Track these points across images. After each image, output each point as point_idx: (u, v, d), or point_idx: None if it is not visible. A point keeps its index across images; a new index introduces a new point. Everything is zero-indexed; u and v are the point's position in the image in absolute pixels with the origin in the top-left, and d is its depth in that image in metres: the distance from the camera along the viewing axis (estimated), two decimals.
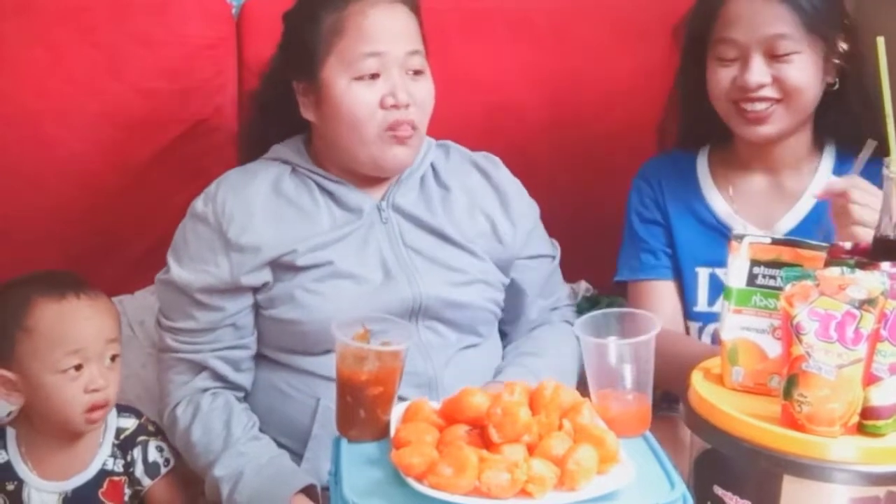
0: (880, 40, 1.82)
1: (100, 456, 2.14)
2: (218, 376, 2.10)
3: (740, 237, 1.71)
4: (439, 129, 2.20)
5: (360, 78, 2.04)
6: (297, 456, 2.06)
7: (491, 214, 2.21)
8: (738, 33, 2.15)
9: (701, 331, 2.28)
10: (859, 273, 1.54)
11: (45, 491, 2.11)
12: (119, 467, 2.15)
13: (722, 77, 2.19)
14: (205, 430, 2.05)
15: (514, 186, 2.27)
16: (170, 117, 2.61)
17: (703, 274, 2.28)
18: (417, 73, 2.08)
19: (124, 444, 2.16)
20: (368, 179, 2.14)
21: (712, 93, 2.22)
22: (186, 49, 2.61)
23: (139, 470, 2.16)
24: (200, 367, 2.10)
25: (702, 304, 2.28)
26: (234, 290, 2.06)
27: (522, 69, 2.78)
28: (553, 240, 2.35)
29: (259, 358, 2.14)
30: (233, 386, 2.12)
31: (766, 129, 2.19)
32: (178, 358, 2.11)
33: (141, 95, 2.58)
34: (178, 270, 2.08)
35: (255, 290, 2.07)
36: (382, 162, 2.08)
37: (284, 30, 2.17)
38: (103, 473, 2.14)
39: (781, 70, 2.14)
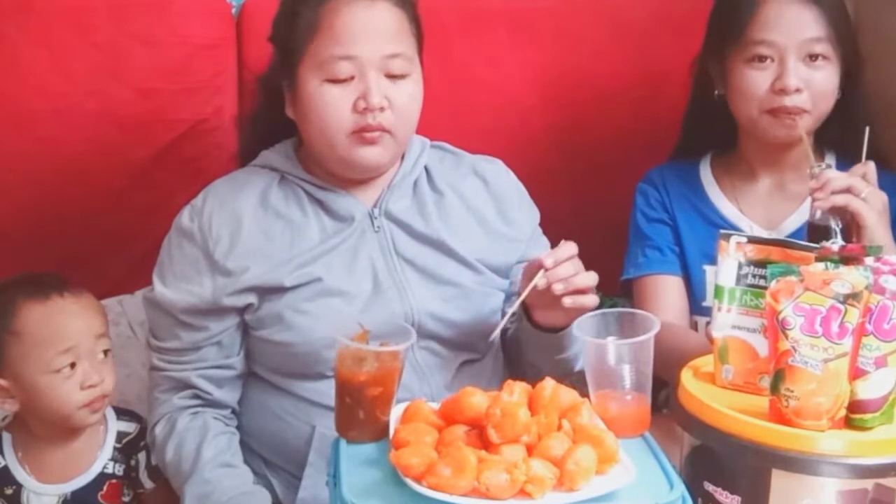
0: None
1: (100, 459, 2.14)
2: (200, 394, 2.05)
3: (728, 236, 1.72)
4: (440, 129, 2.20)
5: (332, 80, 1.96)
6: (294, 477, 2.02)
7: (487, 220, 2.14)
8: (776, 35, 2.16)
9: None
10: (843, 268, 1.56)
11: (44, 494, 2.10)
12: (119, 471, 2.14)
13: (755, 81, 2.19)
14: (176, 450, 2.01)
15: (513, 191, 2.21)
16: (170, 117, 2.60)
17: (710, 272, 2.29)
18: (398, 77, 1.98)
19: (127, 448, 2.16)
20: (355, 182, 2.07)
21: (742, 96, 2.22)
22: (186, 49, 2.60)
23: (143, 473, 2.16)
24: (183, 386, 2.05)
25: (710, 300, 2.28)
26: (217, 310, 2.01)
27: (523, 69, 2.77)
28: None
29: (252, 377, 2.10)
30: (216, 404, 2.07)
31: (794, 131, 2.20)
32: (162, 376, 2.07)
33: (141, 95, 2.58)
34: (161, 290, 2.03)
35: (241, 309, 2.02)
36: (352, 163, 2.01)
37: (271, 26, 2.10)
38: (103, 476, 2.13)
39: (811, 76, 2.17)
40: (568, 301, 1.85)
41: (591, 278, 1.88)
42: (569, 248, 1.88)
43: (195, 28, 2.62)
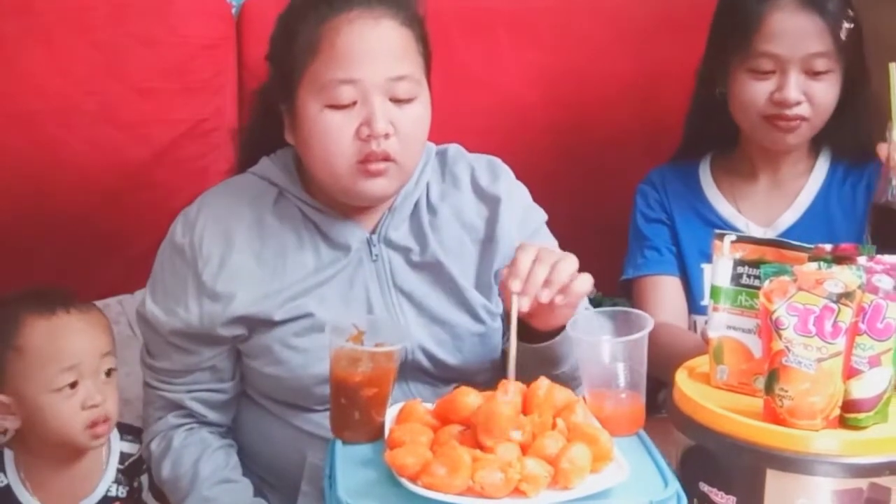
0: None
1: (104, 482, 2.10)
2: (194, 415, 2.00)
3: (721, 236, 1.72)
4: (439, 129, 2.20)
5: (333, 106, 1.84)
6: (288, 496, 1.96)
7: (480, 237, 2.02)
8: (779, 48, 2.16)
9: None
10: (836, 268, 1.55)
11: None
12: (123, 493, 2.11)
13: (756, 90, 2.19)
14: (173, 467, 1.96)
15: (511, 197, 2.06)
16: (170, 117, 2.61)
17: (708, 270, 2.27)
18: (404, 101, 1.86)
19: (130, 470, 2.13)
20: (355, 208, 1.96)
21: (741, 103, 2.23)
22: (186, 49, 2.61)
23: (147, 494, 2.12)
24: (177, 406, 1.99)
25: (708, 299, 2.29)
26: (206, 336, 1.93)
27: (523, 69, 2.78)
28: None
29: (246, 398, 2.04)
30: (210, 423, 2.02)
31: (792, 140, 2.22)
32: (156, 395, 2.01)
33: (141, 95, 2.59)
34: (151, 306, 1.95)
35: (232, 339, 1.94)
36: (355, 195, 1.90)
37: (268, 45, 1.98)
38: (107, 500, 2.10)
39: (813, 87, 2.17)
40: (560, 300, 1.74)
41: (570, 265, 1.76)
42: (526, 255, 1.75)
43: (195, 28, 2.63)
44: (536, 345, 1.85)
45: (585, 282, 1.77)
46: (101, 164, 2.58)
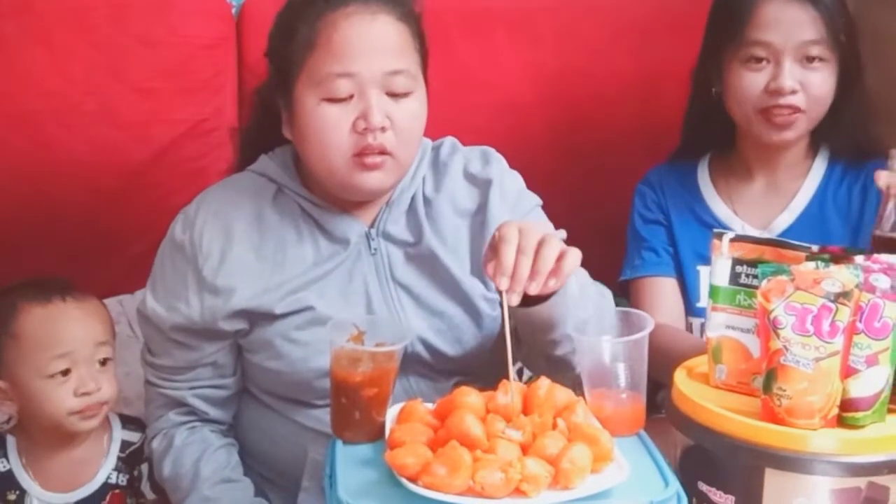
0: None
1: (104, 469, 2.12)
2: (196, 412, 2.01)
3: (720, 235, 1.72)
4: (440, 129, 2.20)
5: (330, 99, 1.85)
6: (289, 493, 1.96)
7: (475, 221, 2.02)
8: (772, 36, 2.16)
9: (703, 326, 2.29)
10: (833, 267, 1.55)
11: (48, 502, 2.09)
12: (123, 481, 2.13)
13: (751, 82, 2.19)
14: (174, 466, 1.97)
15: (503, 180, 2.06)
16: (170, 117, 2.62)
17: (704, 272, 2.29)
18: (400, 95, 1.87)
19: (130, 459, 2.14)
20: (354, 203, 1.97)
21: (737, 96, 2.22)
22: (186, 49, 2.61)
23: (145, 485, 2.14)
24: (179, 403, 2.01)
25: (704, 301, 2.28)
26: (208, 332, 1.94)
27: (523, 69, 2.78)
28: None
29: (247, 394, 2.05)
30: (212, 420, 2.03)
31: (789, 134, 2.22)
32: (157, 393, 2.02)
33: (141, 95, 2.59)
34: (152, 303, 1.96)
35: (233, 333, 1.95)
36: (352, 189, 1.91)
37: (267, 41, 1.99)
38: (107, 487, 2.11)
39: (808, 77, 2.17)
40: (553, 283, 1.71)
41: (553, 249, 1.69)
42: (509, 247, 1.69)
43: (195, 28, 2.63)
44: (528, 308, 1.82)
45: (574, 258, 1.73)
46: (101, 164, 2.58)
